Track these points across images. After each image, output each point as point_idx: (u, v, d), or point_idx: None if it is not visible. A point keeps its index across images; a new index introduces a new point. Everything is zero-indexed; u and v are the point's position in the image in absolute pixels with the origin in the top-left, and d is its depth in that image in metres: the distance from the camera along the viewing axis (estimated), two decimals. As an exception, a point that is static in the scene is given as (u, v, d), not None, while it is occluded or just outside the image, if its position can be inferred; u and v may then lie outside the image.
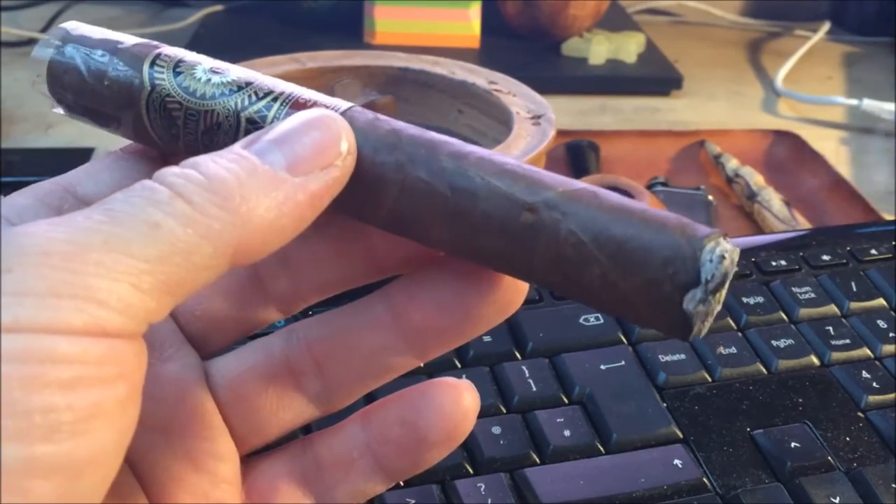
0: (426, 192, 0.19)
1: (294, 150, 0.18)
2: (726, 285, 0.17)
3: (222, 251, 0.17)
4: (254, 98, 0.20)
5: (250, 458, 0.23)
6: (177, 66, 0.20)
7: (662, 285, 0.17)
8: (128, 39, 0.21)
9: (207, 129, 0.20)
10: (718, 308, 0.17)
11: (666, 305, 0.17)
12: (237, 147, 0.18)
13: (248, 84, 0.20)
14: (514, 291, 0.21)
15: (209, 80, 0.20)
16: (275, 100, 0.20)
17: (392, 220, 0.19)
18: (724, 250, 0.17)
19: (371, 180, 0.19)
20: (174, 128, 0.20)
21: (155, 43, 0.21)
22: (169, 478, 0.21)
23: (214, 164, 0.17)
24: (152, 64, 0.20)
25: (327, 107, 0.20)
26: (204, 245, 0.16)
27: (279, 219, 0.17)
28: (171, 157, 0.21)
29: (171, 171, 0.17)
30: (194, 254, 0.16)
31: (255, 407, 0.23)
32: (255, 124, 0.20)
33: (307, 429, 0.28)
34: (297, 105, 0.20)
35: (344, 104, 0.20)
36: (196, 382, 0.22)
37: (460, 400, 0.22)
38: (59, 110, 0.22)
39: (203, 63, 0.20)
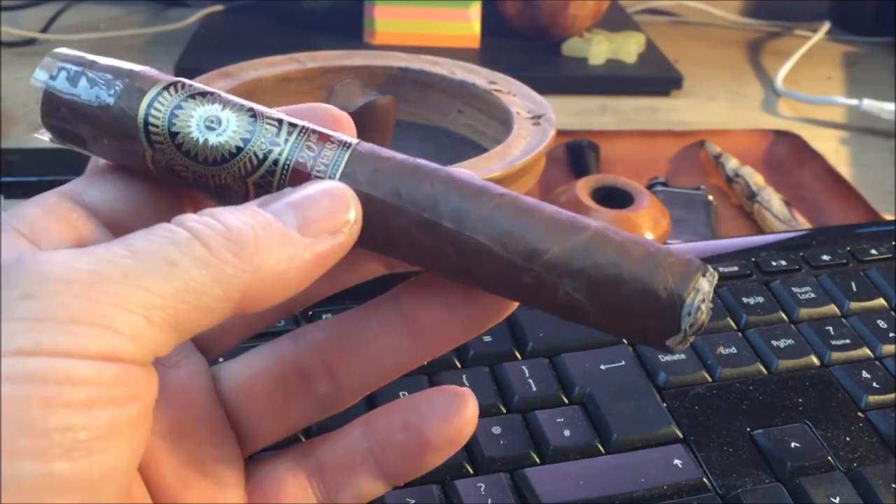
0: (433, 252, 0.20)
1: (305, 214, 0.19)
2: (704, 326, 0.20)
3: (230, 295, 0.17)
4: (255, 163, 0.20)
5: (254, 461, 0.24)
6: (172, 129, 0.20)
7: (649, 333, 0.20)
8: (114, 80, 0.20)
9: (217, 188, 0.21)
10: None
11: (652, 342, 0.20)
12: (253, 205, 0.19)
13: (245, 142, 0.20)
14: None
15: (206, 140, 0.20)
16: (275, 164, 0.20)
17: (407, 262, 0.21)
18: (701, 299, 0.19)
19: (383, 236, 0.20)
20: (185, 182, 0.21)
21: (140, 80, 0.20)
22: (176, 481, 0.22)
23: (232, 215, 0.18)
24: (146, 127, 0.20)
25: (329, 136, 0.20)
26: (215, 287, 0.17)
27: (287, 272, 0.18)
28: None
29: (191, 218, 0.18)
30: (205, 295, 0.17)
31: (265, 408, 0.23)
32: (262, 189, 0.20)
33: (307, 432, 0.28)
34: (298, 174, 0.20)
35: (355, 140, 0.21)
36: (203, 388, 0.23)
37: (464, 407, 0.22)
38: (45, 136, 0.21)
39: (194, 114, 0.20)
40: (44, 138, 0.21)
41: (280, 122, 0.20)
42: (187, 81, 0.21)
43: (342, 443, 0.23)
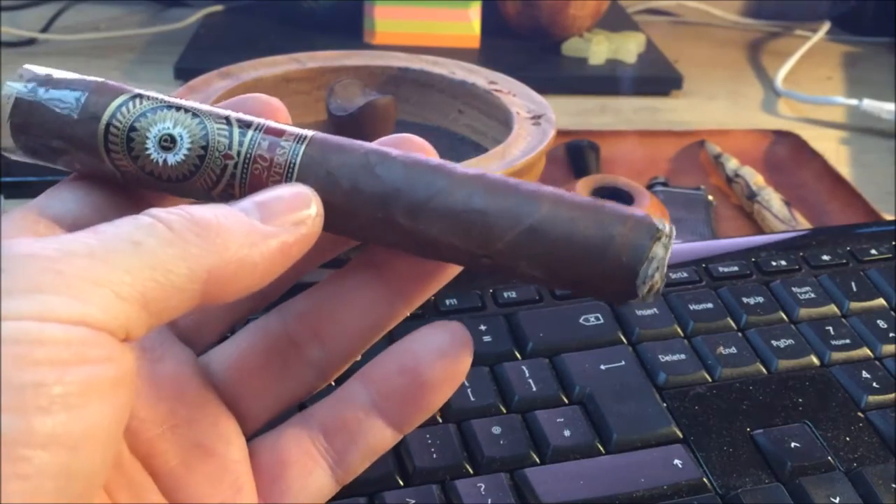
0: (393, 242, 0.21)
1: (268, 208, 0.20)
2: (661, 286, 0.20)
3: (198, 275, 0.18)
4: (214, 177, 0.21)
5: (255, 439, 0.24)
6: (130, 147, 0.21)
7: (607, 298, 0.21)
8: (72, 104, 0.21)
9: (182, 199, 0.22)
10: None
11: (615, 302, 0.22)
12: (219, 205, 0.20)
13: (202, 159, 0.21)
14: None
15: (165, 160, 0.21)
16: (233, 176, 0.21)
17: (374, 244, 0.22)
18: (655, 267, 0.20)
19: (344, 228, 0.21)
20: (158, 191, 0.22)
21: (97, 96, 0.21)
22: (181, 466, 0.22)
23: (198, 208, 0.19)
24: (106, 145, 0.21)
25: (287, 133, 0.21)
26: (181, 265, 0.18)
27: (251, 256, 0.19)
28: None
29: (157, 209, 0.19)
30: (172, 272, 0.18)
31: (260, 382, 0.24)
32: (225, 199, 0.21)
33: (301, 404, 0.28)
34: (255, 177, 0.21)
35: (307, 133, 0.21)
36: (192, 375, 0.23)
37: (456, 337, 0.23)
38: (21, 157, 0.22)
39: (150, 132, 0.21)
40: (20, 159, 0.22)
41: (229, 122, 0.21)
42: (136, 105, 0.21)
43: (341, 401, 0.24)
